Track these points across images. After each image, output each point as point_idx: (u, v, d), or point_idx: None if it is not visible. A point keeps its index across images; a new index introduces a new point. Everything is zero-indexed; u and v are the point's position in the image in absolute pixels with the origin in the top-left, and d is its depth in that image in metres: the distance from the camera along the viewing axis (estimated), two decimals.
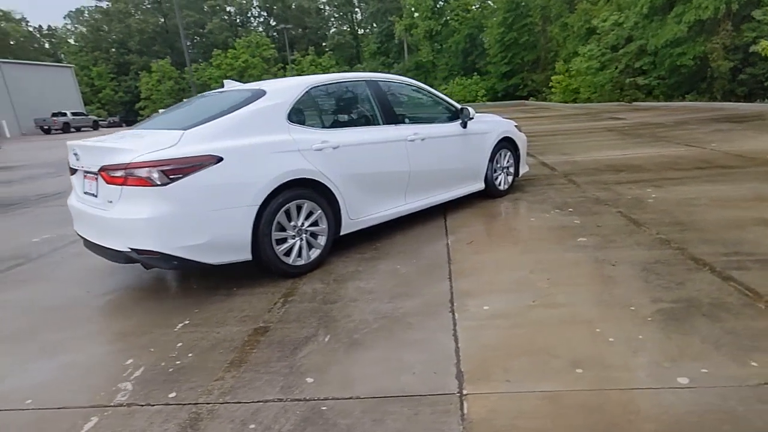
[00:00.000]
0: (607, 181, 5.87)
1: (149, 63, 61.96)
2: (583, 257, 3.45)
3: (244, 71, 52.44)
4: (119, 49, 70.03)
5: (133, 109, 62.08)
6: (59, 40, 79.08)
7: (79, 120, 39.63)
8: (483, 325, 2.61)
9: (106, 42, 70.91)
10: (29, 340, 2.86)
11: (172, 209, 2.92)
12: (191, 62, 62.67)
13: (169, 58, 62.88)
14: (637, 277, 3.04)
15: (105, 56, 69.32)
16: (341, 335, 2.62)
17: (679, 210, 4.39)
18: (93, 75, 65.20)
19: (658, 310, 2.59)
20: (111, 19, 71.29)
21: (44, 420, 2.09)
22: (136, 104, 62.38)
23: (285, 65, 53.23)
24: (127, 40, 69.20)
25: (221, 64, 54.56)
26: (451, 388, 2.06)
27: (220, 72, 54.24)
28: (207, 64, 58.17)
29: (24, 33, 77.31)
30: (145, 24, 69.52)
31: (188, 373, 2.37)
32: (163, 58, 62.36)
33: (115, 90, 66.45)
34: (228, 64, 53.98)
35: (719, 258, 3.23)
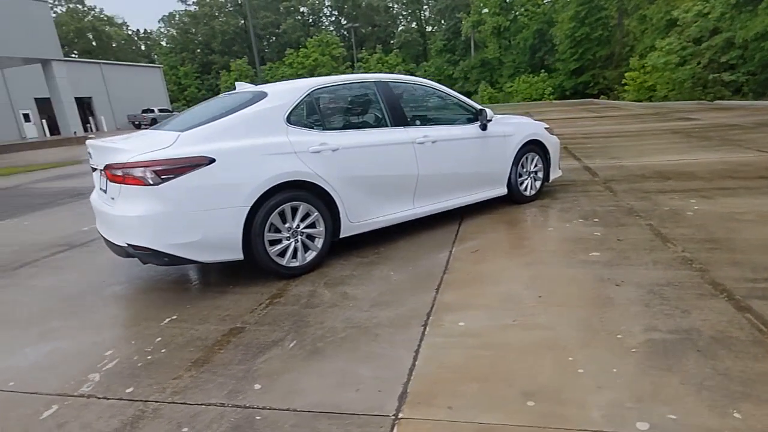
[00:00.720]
0: (649, 189, 5.36)
1: (229, 62, 65.25)
2: (587, 274, 3.16)
3: (314, 69, 53.80)
4: (204, 49, 74.40)
5: None
6: (153, 43, 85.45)
7: (165, 116, 42.48)
8: (450, 343, 2.45)
9: (193, 43, 75.56)
10: (35, 325, 3.07)
11: (164, 208, 3.01)
12: (266, 61, 65.42)
13: (246, 57, 65.82)
14: (639, 300, 2.73)
15: (191, 56, 73.89)
16: (306, 342, 2.57)
17: (717, 225, 3.91)
18: (180, 74, 69.67)
19: (647, 341, 2.31)
20: (198, 22, 75.82)
21: (12, 402, 2.22)
22: None
23: (353, 63, 53.93)
24: (211, 41, 73.30)
25: (293, 62, 56.35)
26: (388, 410, 1.95)
27: (292, 70, 56.05)
28: (280, 62, 60.32)
29: (124, 36, 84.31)
30: (227, 26, 73.20)
31: (153, 369, 2.42)
32: (241, 58, 65.44)
33: (199, 88, 70.59)
34: (299, 63, 55.62)
35: (743, 284, 2.83)
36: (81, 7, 75.65)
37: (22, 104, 34.99)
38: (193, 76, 70.68)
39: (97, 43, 78.39)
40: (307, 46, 56.65)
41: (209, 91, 70.38)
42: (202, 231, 3.10)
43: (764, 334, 2.29)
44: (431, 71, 52.49)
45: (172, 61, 71.36)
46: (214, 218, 3.13)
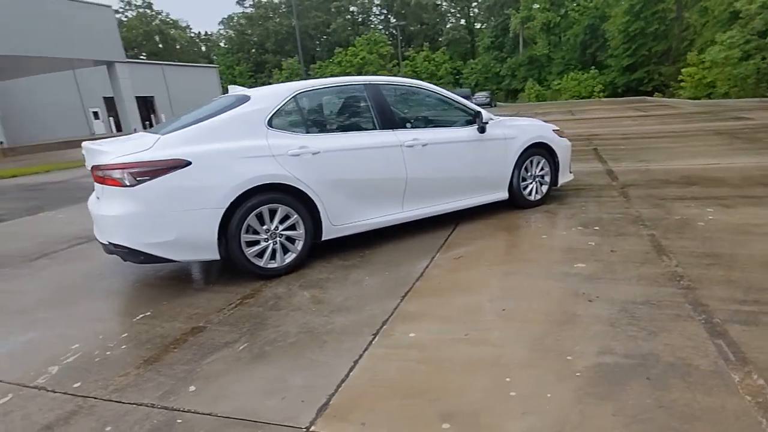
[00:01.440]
0: (667, 195, 4.99)
1: (281, 61, 66.88)
2: (563, 288, 2.97)
3: (361, 68, 54.13)
4: (258, 49, 76.67)
5: None
6: (212, 44, 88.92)
7: None
8: (392, 355, 2.37)
9: (248, 44, 78.00)
10: (24, 315, 3.24)
11: (139, 209, 3.09)
12: (316, 60, 66.48)
13: (297, 56, 67.11)
14: (607, 319, 2.53)
15: (246, 56, 76.33)
16: (256, 345, 2.56)
17: (726, 238, 3.58)
18: (235, 73, 72.07)
19: (597, 365, 2.13)
20: (253, 23, 78.17)
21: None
22: None
23: (399, 62, 53.82)
24: (265, 41, 75.38)
25: (342, 61, 56.94)
26: (302, 422, 1.90)
27: (340, 69, 56.67)
28: (329, 61, 61.13)
29: (187, 38, 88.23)
30: (281, 26, 74.97)
31: (107, 364, 2.49)
32: (293, 57, 66.82)
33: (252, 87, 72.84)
34: (347, 61, 56.14)
35: (729, 305, 2.56)
36: (149, 11, 79.73)
37: (92, 103, 37.39)
38: (247, 75, 72.92)
39: (163, 45, 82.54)
40: (356, 44, 57.08)
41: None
42: (176, 231, 3.16)
43: (729, 364, 2.05)
44: (478, 68, 51.57)
45: (229, 61, 73.99)
46: (189, 219, 3.18)
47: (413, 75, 54.58)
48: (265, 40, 75.34)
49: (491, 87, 49.17)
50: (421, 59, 54.07)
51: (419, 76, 54.98)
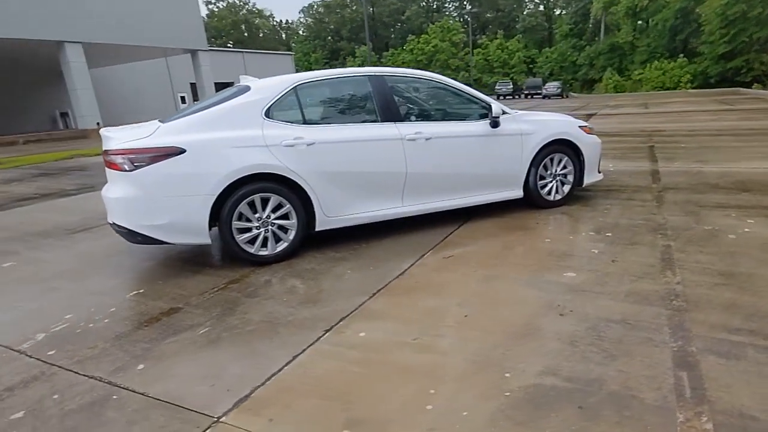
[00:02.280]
0: (708, 202, 4.47)
1: (354, 49, 67.55)
2: (540, 297, 2.76)
3: (433, 56, 53.44)
4: (334, 36, 77.92)
5: None
6: (292, 32, 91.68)
7: None
8: (333, 353, 2.33)
9: (324, 31, 79.48)
10: (43, 284, 3.55)
11: (136, 192, 3.27)
12: (389, 47, 66.40)
13: (371, 44, 67.44)
14: (569, 336, 2.32)
15: (322, 44, 77.88)
16: (216, 331, 2.63)
17: (753, 255, 3.14)
18: (311, 60, 73.92)
19: (532, 386, 1.96)
20: (331, 11, 79.42)
21: None
22: None
23: (472, 49, 52.37)
24: (341, 29, 76.40)
25: (413, 48, 56.49)
26: (217, 412, 1.93)
27: (412, 57, 56.31)
28: (402, 49, 60.86)
29: (269, 27, 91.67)
30: (356, 14, 75.51)
31: (83, 336, 2.67)
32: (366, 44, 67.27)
33: None
34: (419, 49, 55.60)
35: (715, 334, 2.25)
36: (238, 1, 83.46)
37: (180, 88, 40.00)
38: (322, 62, 74.47)
39: (248, 34, 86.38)
40: (428, 32, 56.28)
41: None
42: (169, 215, 3.31)
43: (681, 401, 1.81)
44: (553, 57, 48.96)
45: (306, 48, 75.98)
46: (182, 204, 3.31)
47: (485, 64, 52.96)
48: (341, 27, 76.34)
49: (566, 77, 46.53)
50: (494, 47, 52.25)
51: (491, 65, 53.28)
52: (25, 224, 5.50)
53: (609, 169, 6.31)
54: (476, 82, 52.60)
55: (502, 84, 38.03)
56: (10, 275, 3.80)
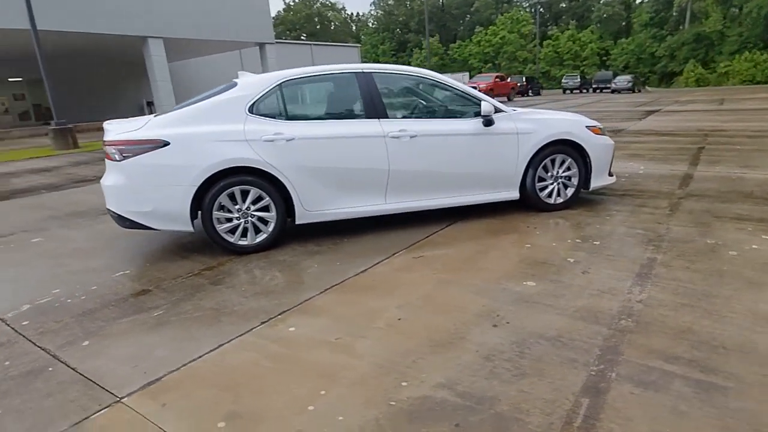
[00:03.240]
0: (729, 213, 4.02)
1: (421, 41, 66.92)
2: (484, 306, 2.63)
3: (500, 48, 51.75)
4: (402, 28, 77.64)
5: None
6: (362, 24, 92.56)
7: None
8: (255, 345, 2.37)
9: (393, 23, 79.42)
10: (56, 259, 3.89)
11: (125, 181, 3.48)
12: (457, 39, 65.12)
13: (438, 36, 66.51)
14: (489, 349, 2.20)
15: (390, 36, 77.93)
16: (168, 314, 2.76)
17: (745, 276, 2.80)
18: (379, 52, 74.22)
19: (421, 397, 1.89)
20: (400, 3, 79.15)
21: None
22: None
23: (541, 41, 50.07)
24: (409, 21, 75.96)
25: (481, 41, 55.02)
26: (124, 392, 2.03)
27: (478, 49, 54.95)
28: (469, 41, 59.49)
29: (341, 19, 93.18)
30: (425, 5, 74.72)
31: (58, 310, 2.91)
32: (433, 36, 66.39)
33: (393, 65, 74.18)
34: (487, 41, 54.06)
35: (649, 360, 2.04)
36: None
37: None
38: (389, 54, 74.54)
39: (320, 26, 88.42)
40: (497, 23, 54.53)
41: None
42: (154, 203, 3.50)
43: (566, 428, 1.66)
44: (630, 49, 45.64)
45: (374, 40, 76.40)
46: (165, 193, 3.49)
47: (554, 56, 50.47)
48: (410, 19, 75.89)
49: (642, 70, 43.22)
50: (565, 39, 49.58)
51: (560, 58, 50.68)
52: (69, 204, 6.04)
53: (638, 172, 5.83)
54: (544, 75, 50.34)
55: (569, 78, 36.04)
56: (33, 250, 4.20)
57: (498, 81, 25.87)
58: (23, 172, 9.26)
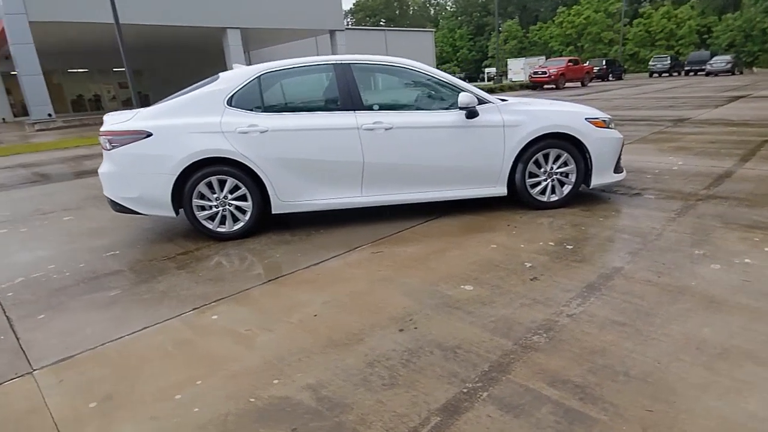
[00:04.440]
0: (742, 219, 3.50)
1: (499, 24, 64.25)
2: (403, 308, 2.54)
3: (583, 29, 48.24)
4: (480, 11, 75.00)
5: (480, 67, 66.51)
6: (440, 8, 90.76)
7: None
8: (174, 330, 2.48)
9: (472, 6, 76.94)
10: (74, 236, 4.30)
11: (114, 168, 3.76)
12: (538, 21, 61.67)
13: (518, 18, 63.45)
14: (380, 355, 2.13)
15: (468, 19, 75.63)
16: (122, 295, 2.96)
17: (709, 294, 2.43)
18: (456, 36, 72.44)
19: (282, 397, 1.88)
20: None
21: None
22: (483, 62, 66.56)
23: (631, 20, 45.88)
24: (488, 3, 73.10)
25: (563, 22, 51.65)
26: (39, 364, 2.23)
27: (560, 31, 51.70)
28: (551, 22, 56.13)
29: (419, 3, 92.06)
30: None
31: (39, 285, 3.22)
32: (513, 19, 63.49)
33: (470, 49, 72.18)
34: (569, 22, 50.63)
35: (530, 382, 1.86)
36: None
37: None
38: (467, 38, 72.50)
39: (399, 11, 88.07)
40: (581, 2, 50.79)
41: (479, 52, 71.31)
42: (138, 190, 3.75)
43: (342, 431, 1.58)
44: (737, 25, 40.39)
45: (452, 24, 74.62)
46: (148, 182, 3.72)
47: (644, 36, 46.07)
48: (489, 1, 73.02)
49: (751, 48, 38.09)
50: (659, 16, 44.97)
51: (652, 38, 46.20)
52: None
53: (671, 168, 5.24)
54: (632, 57, 46.20)
55: (658, 59, 32.62)
56: (59, 227, 4.68)
57: (570, 65, 24.19)
58: (98, 155, 10.29)
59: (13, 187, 6.99)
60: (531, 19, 67.46)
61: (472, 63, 71.64)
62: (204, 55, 30.71)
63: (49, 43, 21.81)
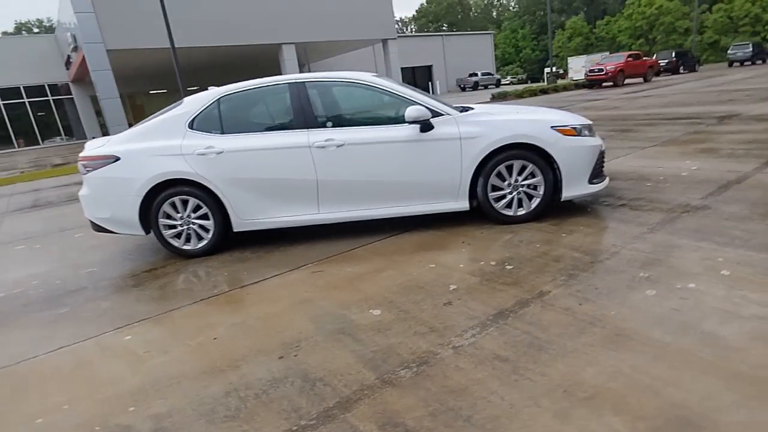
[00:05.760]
0: (724, 233, 3.06)
1: (564, 21, 61.59)
2: (301, 332, 2.49)
3: (655, 20, 44.87)
4: (545, 9, 72.26)
5: (542, 67, 64.01)
6: (503, 8, 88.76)
7: (486, 79, 44.24)
8: (83, 350, 2.61)
9: (535, 4, 74.42)
10: (72, 251, 4.68)
11: (88, 191, 4.04)
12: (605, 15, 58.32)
13: (584, 13, 60.38)
14: (242, 385, 2.09)
15: (531, 18, 73.19)
16: (69, 313, 3.15)
17: (620, 327, 2.15)
18: (518, 37, 70.34)
19: (124, 426, 1.91)
20: None
21: None
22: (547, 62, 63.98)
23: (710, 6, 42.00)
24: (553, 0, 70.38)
25: (632, 14, 48.43)
26: None
27: (629, 23, 48.56)
28: (620, 14, 52.87)
29: (481, 6, 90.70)
30: None
31: (9, 300, 3.54)
32: (578, 15, 60.57)
33: (533, 49, 69.74)
34: (639, 13, 47.36)
35: (368, 423, 1.74)
36: None
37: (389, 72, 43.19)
38: (529, 38, 70.16)
39: (461, 16, 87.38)
40: None
41: (542, 51, 68.64)
42: (110, 210, 3.99)
43: None
44: None
45: (514, 24, 72.57)
46: (118, 203, 3.95)
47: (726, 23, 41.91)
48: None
49: None
50: (742, 0, 40.73)
51: (735, 24, 41.93)
52: None
53: (679, 174, 4.71)
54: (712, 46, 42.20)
55: (737, 47, 29.41)
56: (67, 243, 5.08)
57: (630, 60, 22.52)
58: None
59: (58, 205, 7.71)
60: (598, 13, 64.00)
61: (536, 63, 69.13)
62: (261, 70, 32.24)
63: (132, 68, 24.03)
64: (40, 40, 32.21)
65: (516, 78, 54.03)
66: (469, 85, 43.12)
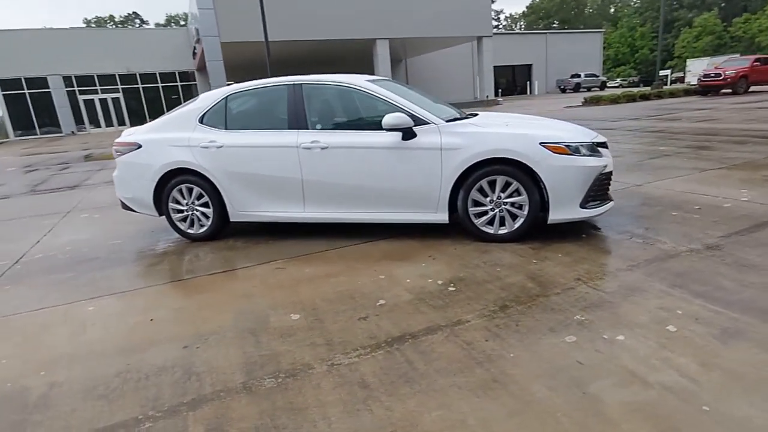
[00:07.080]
0: (703, 286, 2.58)
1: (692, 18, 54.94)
2: (220, 326, 2.58)
3: None
4: (670, 5, 65.03)
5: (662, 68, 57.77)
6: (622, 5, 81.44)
7: (590, 81, 41.11)
8: (35, 317, 2.95)
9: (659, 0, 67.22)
10: (120, 223, 5.27)
11: (118, 173, 4.52)
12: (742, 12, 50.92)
13: (717, 10, 53.27)
14: (100, 380, 2.25)
15: (654, 15, 66.26)
16: (69, 280, 3.59)
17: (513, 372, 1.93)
18: (636, 36, 64.20)
19: (24, 388, 2.15)
20: None
21: None
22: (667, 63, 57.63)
23: None
24: None
25: None
26: None
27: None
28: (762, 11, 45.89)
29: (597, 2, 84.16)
30: None
31: (38, 263, 4.09)
32: (711, 10, 53.64)
33: (652, 49, 63.20)
34: None
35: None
36: None
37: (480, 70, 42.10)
38: (649, 37, 63.66)
39: (575, 12, 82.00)
40: None
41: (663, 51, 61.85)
42: (132, 192, 4.43)
43: None
44: None
45: (633, 22, 66.31)
46: (137, 185, 4.37)
47: None
48: None
49: None
50: None
51: None
52: None
53: (721, 206, 4.04)
54: None
55: None
56: (111, 218, 5.67)
57: (758, 65, 19.44)
58: None
59: None
60: (737, 10, 56.08)
61: (652, 65, 62.53)
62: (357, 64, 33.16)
63: (242, 58, 26.05)
64: (175, 32, 36.09)
65: (626, 80, 49.38)
66: (569, 86, 40.33)
